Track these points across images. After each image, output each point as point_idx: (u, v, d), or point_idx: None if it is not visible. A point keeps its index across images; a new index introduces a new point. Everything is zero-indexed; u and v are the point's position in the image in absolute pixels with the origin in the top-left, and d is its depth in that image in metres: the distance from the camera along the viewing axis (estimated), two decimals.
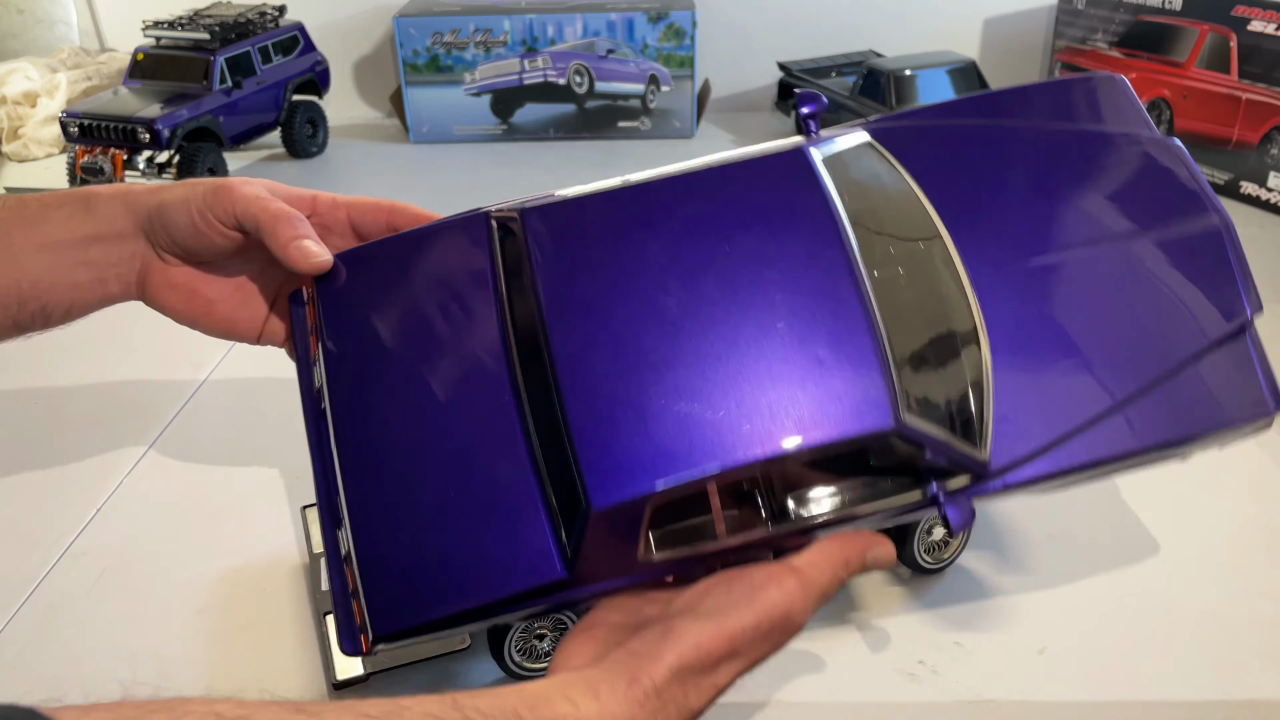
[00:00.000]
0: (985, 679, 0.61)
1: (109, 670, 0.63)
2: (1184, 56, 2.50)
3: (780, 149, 0.50)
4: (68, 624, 0.67)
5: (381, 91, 3.29)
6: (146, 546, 0.74)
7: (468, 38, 2.90)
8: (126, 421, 0.90)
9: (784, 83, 2.95)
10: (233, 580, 0.71)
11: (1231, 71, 2.41)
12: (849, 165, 0.50)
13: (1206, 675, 0.61)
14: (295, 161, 2.93)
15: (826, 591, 0.46)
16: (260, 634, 0.66)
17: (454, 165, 2.89)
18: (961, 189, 0.52)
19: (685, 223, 0.48)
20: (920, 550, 0.68)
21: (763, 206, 0.47)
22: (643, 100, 3.00)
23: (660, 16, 2.89)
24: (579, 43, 2.94)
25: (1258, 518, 0.76)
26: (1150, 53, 2.63)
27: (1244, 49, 2.35)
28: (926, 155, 0.53)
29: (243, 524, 0.76)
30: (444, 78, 2.96)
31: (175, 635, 0.66)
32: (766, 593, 0.44)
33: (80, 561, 0.73)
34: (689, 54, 2.98)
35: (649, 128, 3.04)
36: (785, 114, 2.98)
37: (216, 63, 2.50)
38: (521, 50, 2.93)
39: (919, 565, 0.68)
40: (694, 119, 3.07)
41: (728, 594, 0.44)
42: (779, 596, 0.44)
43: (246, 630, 0.66)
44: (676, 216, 0.48)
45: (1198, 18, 2.47)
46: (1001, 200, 0.52)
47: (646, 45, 2.91)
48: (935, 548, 0.68)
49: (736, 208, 0.47)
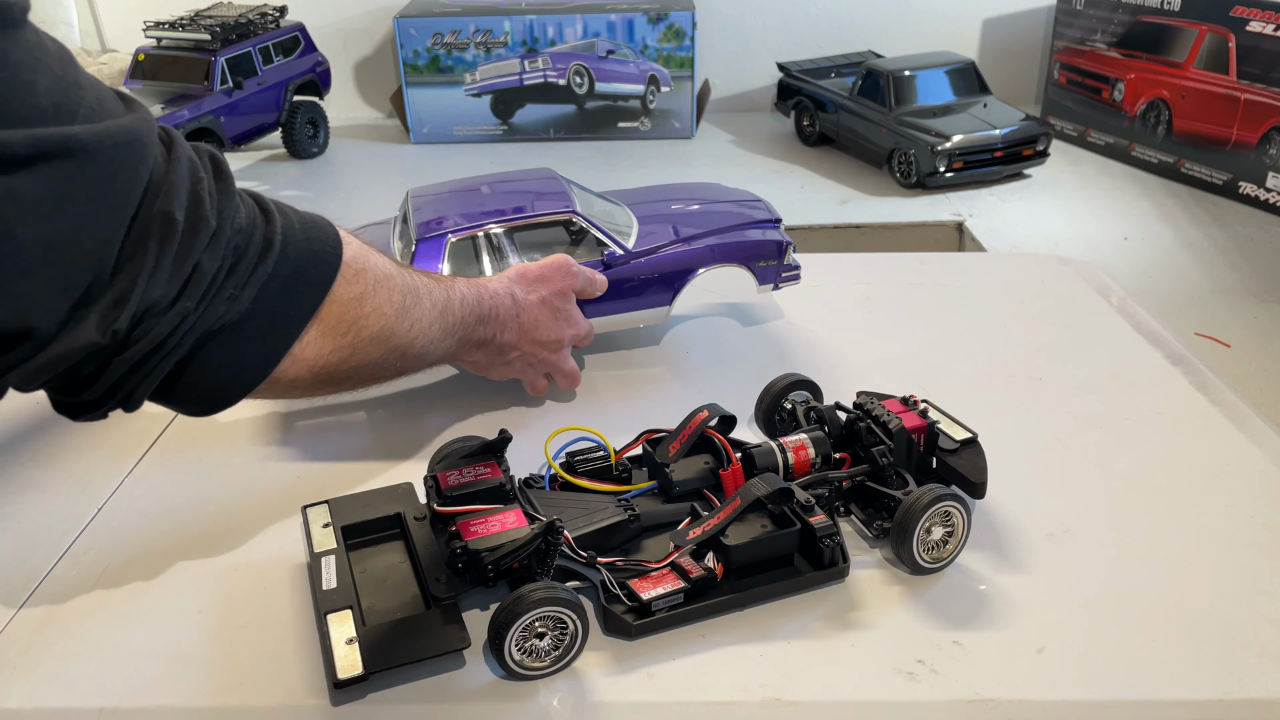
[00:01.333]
0: (985, 679, 0.61)
1: (110, 670, 0.63)
2: (1183, 57, 2.50)
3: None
4: (68, 624, 0.67)
5: (382, 92, 3.29)
6: (146, 546, 0.74)
7: (468, 38, 2.90)
8: (127, 421, 0.89)
9: (784, 83, 2.96)
10: (233, 580, 0.71)
11: (1230, 72, 2.41)
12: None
13: (1206, 675, 0.61)
14: (296, 162, 2.93)
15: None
16: (260, 634, 0.66)
17: (454, 165, 2.88)
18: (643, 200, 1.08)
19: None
20: (919, 550, 0.68)
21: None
22: (643, 101, 3.00)
23: (660, 17, 2.89)
24: (579, 43, 2.94)
25: (1257, 518, 0.76)
26: (1149, 53, 2.63)
27: (1243, 49, 2.35)
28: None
29: (243, 524, 0.77)
30: (444, 78, 2.96)
31: (175, 635, 0.66)
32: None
33: (80, 561, 0.73)
34: (689, 54, 2.98)
35: (649, 128, 3.04)
36: (785, 114, 2.99)
37: (217, 63, 2.50)
38: (522, 51, 2.94)
39: (918, 565, 0.68)
40: (694, 119, 3.07)
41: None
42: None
43: (246, 630, 0.66)
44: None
45: (1196, 18, 2.47)
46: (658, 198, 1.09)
47: (646, 46, 2.92)
48: (934, 547, 0.68)
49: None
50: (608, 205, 1.02)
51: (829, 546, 0.66)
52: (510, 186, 1.03)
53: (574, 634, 0.61)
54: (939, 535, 0.68)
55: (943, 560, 0.69)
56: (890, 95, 2.57)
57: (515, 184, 1.04)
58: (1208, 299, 1.97)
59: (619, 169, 2.73)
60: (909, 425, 0.72)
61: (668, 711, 0.60)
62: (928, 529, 0.67)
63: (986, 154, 2.46)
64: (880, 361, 1.00)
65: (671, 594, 0.64)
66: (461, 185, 1.03)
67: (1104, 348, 1.03)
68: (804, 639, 0.64)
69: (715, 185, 1.13)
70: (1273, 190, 2.34)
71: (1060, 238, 2.24)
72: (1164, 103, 2.57)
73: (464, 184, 1.03)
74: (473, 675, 0.62)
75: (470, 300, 0.79)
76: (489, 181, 1.05)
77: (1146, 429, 0.88)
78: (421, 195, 1.01)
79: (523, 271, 0.87)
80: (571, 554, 0.65)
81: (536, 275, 0.87)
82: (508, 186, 1.03)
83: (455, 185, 1.03)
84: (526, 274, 0.86)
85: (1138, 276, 2.04)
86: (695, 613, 0.65)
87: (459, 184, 1.04)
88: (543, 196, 0.97)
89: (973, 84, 2.64)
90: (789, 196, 2.50)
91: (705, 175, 2.67)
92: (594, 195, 1.04)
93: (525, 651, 0.60)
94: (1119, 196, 2.48)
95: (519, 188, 1.02)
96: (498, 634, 0.59)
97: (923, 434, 0.73)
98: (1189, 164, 2.52)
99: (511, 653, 0.60)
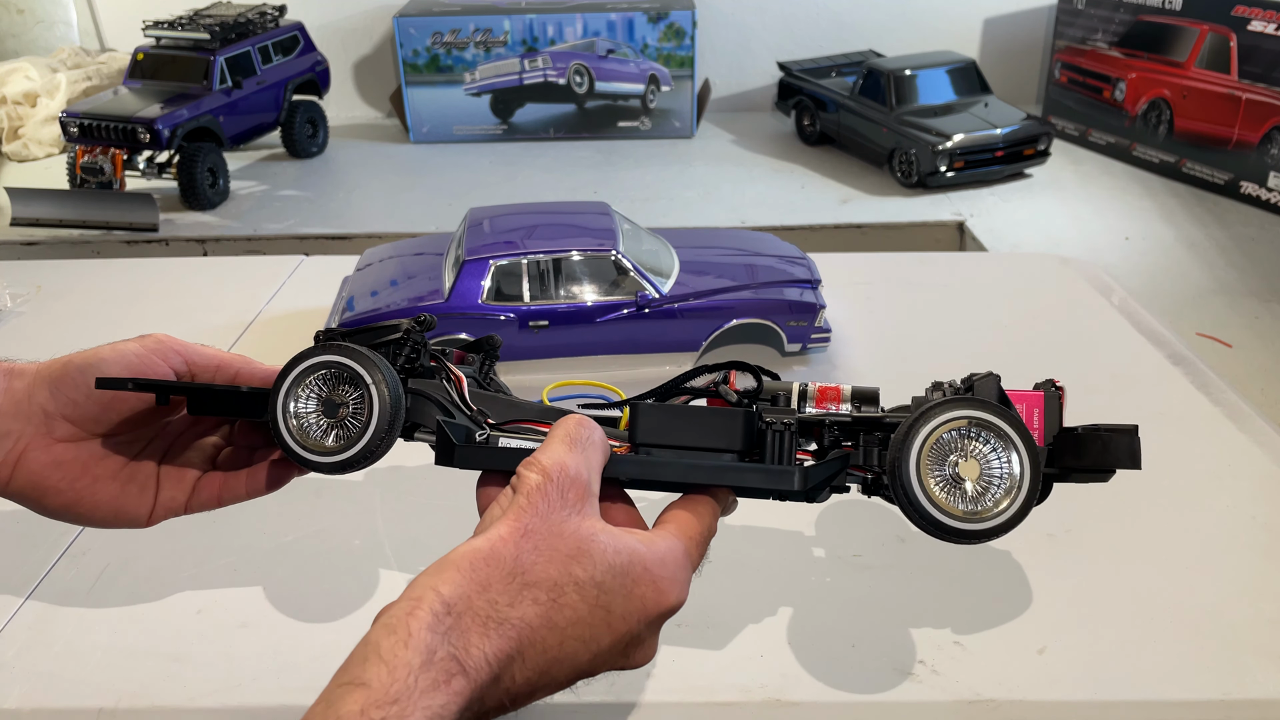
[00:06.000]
0: (985, 679, 0.61)
1: (110, 669, 0.63)
2: (1184, 56, 2.50)
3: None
4: (68, 624, 0.67)
5: (382, 91, 3.29)
6: (146, 546, 0.74)
7: (468, 38, 2.90)
8: None
9: (784, 82, 2.96)
10: (233, 580, 0.71)
11: (1231, 71, 2.41)
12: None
13: (1208, 675, 0.61)
14: (295, 161, 2.93)
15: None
16: (260, 634, 0.66)
17: (454, 165, 2.89)
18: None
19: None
20: (932, 487, 0.49)
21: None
22: (643, 100, 3.00)
23: (660, 16, 2.89)
24: (579, 43, 2.94)
25: (1258, 518, 0.76)
26: (1150, 52, 2.63)
27: (1244, 49, 2.35)
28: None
29: (243, 524, 0.76)
30: (444, 78, 2.96)
31: (175, 635, 0.66)
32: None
33: (80, 561, 0.73)
34: (689, 54, 2.98)
35: (649, 128, 3.04)
36: (785, 114, 2.98)
37: (216, 63, 2.50)
38: (521, 50, 2.94)
39: (930, 514, 0.49)
40: (694, 119, 3.07)
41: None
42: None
43: (246, 630, 0.66)
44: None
45: (1198, 18, 2.46)
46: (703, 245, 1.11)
47: (646, 45, 2.92)
48: (960, 492, 0.50)
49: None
50: (656, 245, 1.05)
51: (773, 433, 0.52)
52: (563, 218, 1.07)
53: (368, 420, 0.51)
54: (970, 472, 0.50)
55: (982, 517, 0.49)
56: (891, 95, 2.57)
57: (568, 215, 1.08)
58: (1209, 299, 1.97)
59: (619, 168, 2.73)
60: (1021, 397, 0.55)
61: (668, 712, 0.60)
62: (948, 460, 0.50)
63: (987, 153, 2.45)
64: (880, 361, 1.00)
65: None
66: (518, 210, 1.07)
67: (1105, 348, 1.02)
68: (804, 639, 0.64)
69: (767, 236, 1.15)
70: (1274, 190, 2.33)
71: (1061, 237, 2.24)
72: (1165, 102, 2.57)
73: (521, 209, 1.08)
74: None
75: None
76: (545, 209, 1.10)
77: (1147, 429, 0.88)
78: (478, 215, 1.06)
79: (515, 565, 0.42)
80: (459, 402, 0.54)
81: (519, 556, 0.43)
82: (561, 218, 1.07)
83: (512, 209, 1.07)
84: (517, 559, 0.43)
85: (1139, 276, 2.04)
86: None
87: (516, 208, 1.08)
88: (591, 232, 1.00)
89: (974, 83, 2.64)
90: (789, 196, 2.50)
91: (705, 175, 2.67)
92: (645, 232, 1.06)
93: (302, 419, 0.52)
94: (1120, 196, 2.48)
95: (571, 220, 1.05)
96: (276, 382, 0.52)
97: (1038, 407, 0.55)
98: (1190, 164, 2.52)
99: (289, 413, 0.51)
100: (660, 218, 2.28)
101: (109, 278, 1.26)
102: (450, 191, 2.62)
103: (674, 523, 0.49)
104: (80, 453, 0.55)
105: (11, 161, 2.91)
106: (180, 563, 0.72)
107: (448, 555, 0.42)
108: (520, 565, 0.42)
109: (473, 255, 0.97)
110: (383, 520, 0.76)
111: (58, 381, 0.54)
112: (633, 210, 1.92)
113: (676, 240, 1.08)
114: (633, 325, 0.97)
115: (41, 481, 0.53)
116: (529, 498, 0.44)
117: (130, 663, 0.63)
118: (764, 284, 1.01)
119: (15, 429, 0.53)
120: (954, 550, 0.72)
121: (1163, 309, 1.75)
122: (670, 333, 0.98)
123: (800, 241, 1.06)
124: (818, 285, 1.03)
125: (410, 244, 1.12)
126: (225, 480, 0.58)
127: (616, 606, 0.44)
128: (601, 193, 2.52)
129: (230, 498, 0.58)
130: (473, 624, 0.40)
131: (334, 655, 0.39)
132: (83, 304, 1.17)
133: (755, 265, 1.05)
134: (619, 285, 0.98)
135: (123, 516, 0.56)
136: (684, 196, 2.51)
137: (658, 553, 0.45)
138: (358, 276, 1.07)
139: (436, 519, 0.75)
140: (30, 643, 0.65)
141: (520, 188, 2.63)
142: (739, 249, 1.11)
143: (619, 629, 0.44)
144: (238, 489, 0.57)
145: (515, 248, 0.97)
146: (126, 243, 2.31)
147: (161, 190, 2.48)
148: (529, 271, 0.97)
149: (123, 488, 0.56)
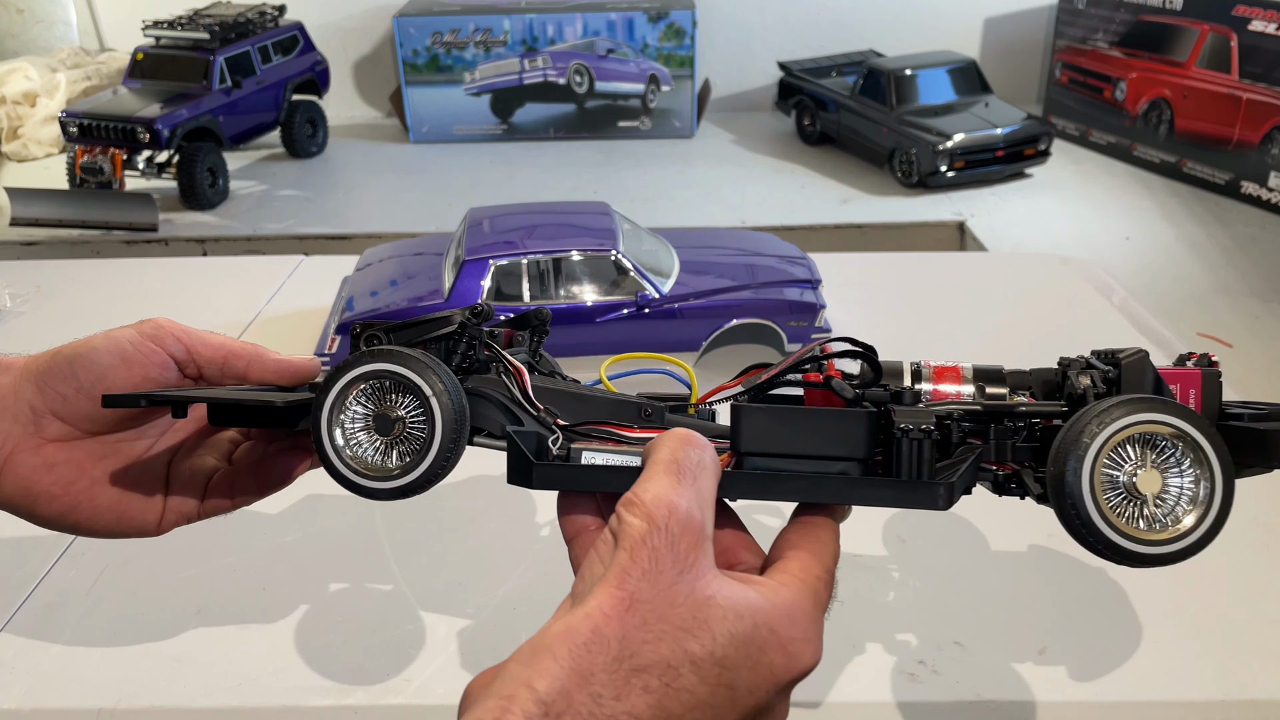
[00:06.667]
0: (986, 680, 0.61)
1: (110, 669, 0.63)
2: (1185, 56, 2.50)
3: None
4: (68, 624, 0.67)
5: (381, 91, 3.30)
6: (146, 546, 0.74)
7: (468, 37, 2.90)
8: None
9: (785, 82, 2.96)
10: (233, 580, 0.71)
11: (1232, 71, 2.41)
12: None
13: (1208, 676, 0.61)
14: (295, 161, 2.93)
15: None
16: (260, 634, 0.66)
17: (454, 165, 2.89)
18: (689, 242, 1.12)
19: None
20: (1109, 502, 0.42)
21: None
22: (643, 100, 3.00)
23: (660, 16, 2.89)
24: (579, 42, 2.94)
25: (1258, 518, 0.76)
26: (1151, 52, 2.62)
27: (1244, 49, 2.35)
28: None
29: (243, 524, 0.76)
30: (444, 77, 2.96)
31: (175, 635, 0.66)
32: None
33: (80, 561, 0.73)
34: (689, 54, 2.98)
35: (649, 127, 3.04)
36: (786, 113, 2.98)
37: (216, 62, 2.50)
38: (521, 50, 2.94)
39: (1107, 537, 0.42)
40: (694, 119, 3.07)
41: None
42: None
43: (246, 630, 0.66)
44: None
45: (1198, 17, 2.46)
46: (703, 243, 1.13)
47: (646, 45, 2.92)
48: (1137, 508, 0.43)
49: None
50: (656, 245, 1.05)
51: (910, 442, 0.45)
52: (563, 218, 1.07)
53: (430, 436, 0.45)
54: (1150, 485, 0.43)
55: (1167, 538, 0.42)
56: (891, 94, 2.57)
57: (568, 215, 1.09)
58: (1210, 299, 1.97)
59: (619, 168, 2.73)
60: (1176, 376, 0.49)
61: None
62: (1132, 482, 0.42)
63: (988, 153, 2.45)
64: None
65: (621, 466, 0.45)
66: (518, 210, 1.08)
67: (1106, 347, 1.02)
68: None
69: (767, 236, 1.15)
70: (1275, 190, 2.33)
71: (1062, 237, 2.23)
72: (1166, 102, 2.57)
73: (521, 209, 1.08)
74: (469, 675, 0.62)
75: None
76: (545, 209, 1.11)
77: None
78: (478, 215, 1.06)
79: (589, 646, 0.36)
80: (524, 400, 0.48)
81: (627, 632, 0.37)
82: (560, 218, 1.07)
83: (512, 209, 1.08)
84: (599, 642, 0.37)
85: (1139, 276, 2.04)
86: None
87: (516, 208, 1.08)
88: (590, 232, 1.00)
89: (974, 83, 2.64)
90: (790, 196, 2.50)
91: (705, 175, 2.67)
92: (645, 232, 1.07)
93: (350, 437, 0.46)
94: (1121, 196, 2.48)
95: (571, 220, 1.06)
96: (315, 409, 0.45)
97: (1194, 388, 0.49)
98: (1191, 163, 2.52)
99: (332, 432, 0.45)
100: (660, 218, 2.28)
101: (108, 278, 1.26)
102: (450, 191, 2.62)
103: (796, 562, 0.42)
104: (75, 454, 0.49)
105: (11, 161, 2.91)
106: (180, 563, 0.72)
107: (542, 636, 0.36)
108: (628, 647, 0.36)
109: (473, 255, 0.97)
110: (383, 520, 0.76)
111: (45, 375, 0.48)
112: (633, 210, 1.92)
113: (676, 240, 1.08)
114: (633, 325, 0.97)
115: (32, 487, 0.48)
116: (632, 555, 0.37)
117: (130, 663, 0.63)
118: (764, 284, 1.01)
119: (0, 429, 0.48)
120: (954, 550, 0.72)
121: (1163, 309, 1.75)
122: (670, 333, 0.98)
123: (800, 241, 1.06)
124: (818, 285, 1.03)
125: (410, 244, 1.12)
126: (234, 480, 0.52)
127: (742, 682, 0.37)
128: (601, 193, 2.52)
129: (243, 499, 0.52)
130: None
131: (334, 655, 0.39)
132: (82, 304, 1.17)
133: (755, 265, 1.05)
134: (619, 285, 0.98)
135: (127, 524, 0.50)
136: (684, 196, 2.51)
137: (784, 607, 0.39)
138: (357, 276, 1.07)
139: (437, 519, 0.75)
140: (30, 643, 0.65)
141: (520, 188, 2.62)
142: (739, 249, 1.11)
143: (745, 704, 0.37)
144: (249, 487, 0.52)
145: (515, 248, 0.97)
146: (126, 243, 2.31)
147: (161, 190, 2.48)
148: (529, 271, 0.97)
149: (126, 492, 0.50)
